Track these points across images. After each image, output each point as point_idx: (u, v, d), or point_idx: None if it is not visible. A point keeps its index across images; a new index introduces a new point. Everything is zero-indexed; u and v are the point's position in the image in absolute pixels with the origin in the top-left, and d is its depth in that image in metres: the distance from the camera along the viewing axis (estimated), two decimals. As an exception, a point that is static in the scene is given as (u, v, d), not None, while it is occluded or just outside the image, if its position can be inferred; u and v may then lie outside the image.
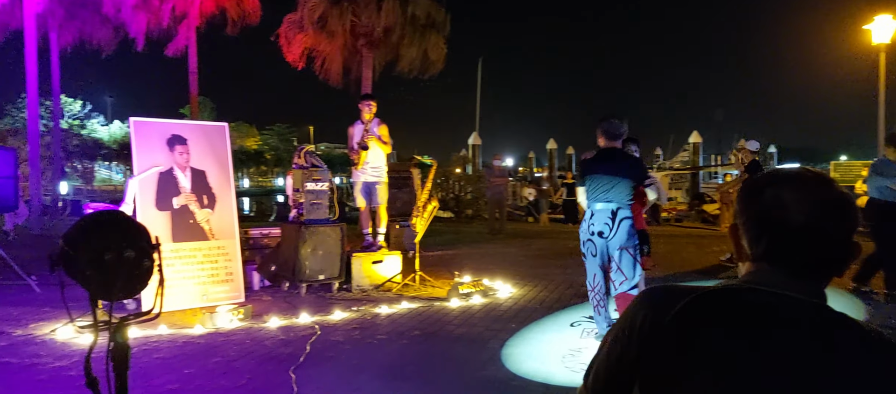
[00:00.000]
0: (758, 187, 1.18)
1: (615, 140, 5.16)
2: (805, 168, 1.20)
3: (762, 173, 1.24)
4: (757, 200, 1.17)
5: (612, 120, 5.15)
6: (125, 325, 1.79)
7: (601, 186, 5.07)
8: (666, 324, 1.11)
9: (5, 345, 5.19)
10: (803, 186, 1.14)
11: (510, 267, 9.55)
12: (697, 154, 28.53)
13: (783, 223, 1.13)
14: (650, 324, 1.13)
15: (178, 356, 4.94)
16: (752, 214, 1.18)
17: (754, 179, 1.22)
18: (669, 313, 1.11)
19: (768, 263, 1.15)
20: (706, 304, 1.12)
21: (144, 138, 6.64)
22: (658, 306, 1.14)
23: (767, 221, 1.15)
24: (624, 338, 1.16)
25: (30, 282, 7.41)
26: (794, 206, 1.12)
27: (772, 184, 1.17)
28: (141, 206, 6.41)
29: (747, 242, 1.18)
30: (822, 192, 1.13)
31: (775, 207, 1.14)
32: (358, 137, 8.15)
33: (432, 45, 20.00)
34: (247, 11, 19.49)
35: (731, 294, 1.14)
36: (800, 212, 1.11)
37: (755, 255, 1.17)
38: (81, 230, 1.73)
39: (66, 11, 18.17)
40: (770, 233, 1.14)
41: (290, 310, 6.47)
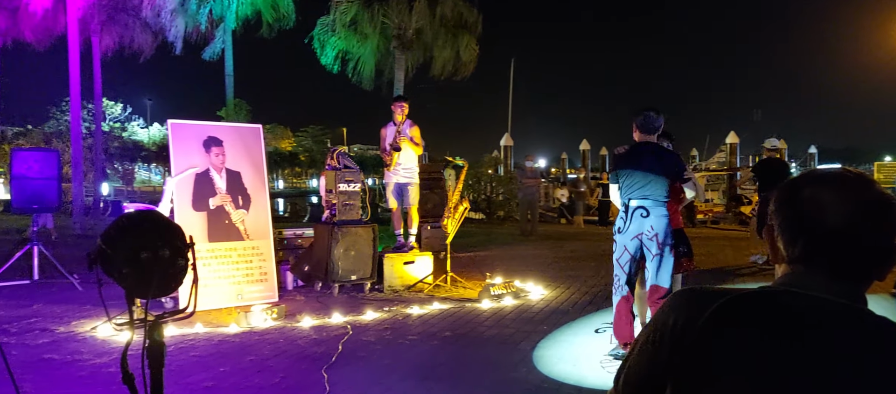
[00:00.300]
0: (795, 188, 1.16)
1: (651, 134, 4.89)
2: (844, 169, 1.17)
3: (801, 174, 1.21)
4: (793, 201, 1.15)
5: (649, 113, 4.86)
6: (161, 323, 1.83)
7: (636, 182, 4.81)
8: (699, 326, 1.09)
9: (48, 342, 5.34)
10: (842, 187, 1.11)
11: (542, 269, 9.51)
12: (734, 155, 28.01)
13: (820, 225, 1.10)
14: (683, 326, 1.11)
15: (213, 355, 5.02)
16: (788, 215, 1.15)
17: (793, 179, 1.20)
18: (703, 314, 1.10)
19: (805, 265, 1.13)
20: (740, 306, 1.10)
21: (182, 140, 6.77)
22: (691, 308, 1.12)
23: (804, 223, 1.12)
24: (656, 340, 1.15)
25: (72, 280, 7.61)
26: (833, 207, 1.09)
27: (809, 184, 1.14)
28: (178, 206, 6.54)
29: (783, 243, 1.16)
30: (862, 193, 1.11)
31: (812, 208, 1.11)
32: (390, 139, 8.19)
33: (464, 46, 20.00)
34: (281, 15, 19.76)
35: (767, 297, 1.12)
36: (838, 213, 1.09)
37: (791, 257, 1.15)
38: (119, 229, 1.78)
39: (108, 16, 18.65)
40: (806, 235, 1.12)
41: (322, 310, 6.54)
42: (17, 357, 4.86)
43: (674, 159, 4.95)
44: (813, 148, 43.41)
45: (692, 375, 1.08)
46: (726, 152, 28.59)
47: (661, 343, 1.13)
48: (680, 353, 1.10)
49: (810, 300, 1.09)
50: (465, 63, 20.22)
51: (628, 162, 4.90)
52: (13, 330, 5.68)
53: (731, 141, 27.71)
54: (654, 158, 4.81)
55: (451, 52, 19.95)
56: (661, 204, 4.79)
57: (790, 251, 1.15)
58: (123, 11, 18.83)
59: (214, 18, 19.16)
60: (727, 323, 1.08)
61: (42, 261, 7.94)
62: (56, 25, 17.83)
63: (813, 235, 1.11)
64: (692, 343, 1.09)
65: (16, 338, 5.42)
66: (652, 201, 4.76)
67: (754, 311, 1.09)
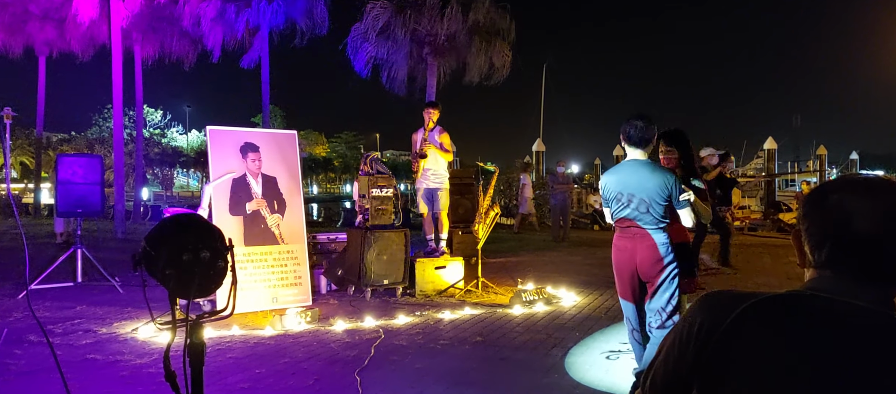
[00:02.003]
0: (823, 193, 1.17)
1: (640, 147, 4.13)
2: (876, 175, 1.19)
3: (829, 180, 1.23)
4: (821, 207, 1.16)
5: (635, 121, 4.10)
6: (201, 323, 1.91)
7: (621, 204, 4.15)
8: (725, 328, 1.11)
9: (91, 343, 5.51)
10: (870, 193, 1.12)
11: (574, 275, 9.47)
12: (772, 161, 27.52)
13: (847, 230, 1.11)
14: (709, 328, 1.13)
15: (249, 356, 5.13)
16: (816, 220, 1.17)
17: (821, 185, 1.22)
18: (729, 316, 1.11)
19: (832, 270, 1.14)
20: (767, 309, 1.12)
21: (219, 146, 6.93)
22: (718, 311, 1.14)
23: (831, 229, 1.14)
24: (682, 343, 1.17)
25: (114, 283, 7.83)
26: (861, 213, 1.11)
27: (838, 190, 1.16)
28: (216, 211, 6.69)
29: (810, 248, 1.17)
30: (890, 199, 1.12)
31: (840, 214, 1.12)
32: (419, 144, 8.25)
33: (497, 51, 20.03)
34: (316, 22, 20.05)
35: (793, 300, 1.13)
36: (866, 219, 1.10)
37: (818, 262, 1.16)
38: (161, 232, 1.86)
39: (149, 26, 19.13)
40: (833, 240, 1.13)
41: (355, 314, 6.62)
42: (62, 357, 5.02)
43: (666, 181, 4.07)
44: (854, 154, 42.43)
45: (717, 375, 1.10)
46: (764, 158, 28.11)
47: (688, 345, 1.15)
48: (706, 354, 1.12)
49: (836, 304, 1.10)
50: (497, 68, 20.24)
51: (611, 181, 4.24)
52: (58, 331, 5.87)
53: (769, 147, 27.24)
54: (638, 177, 4.10)
55: (484, 58, 19.99)
56: (657, 230, 4.10)
57: (817, 256, 1.16)
58: (164, 21, 19.31)
59: (251, 27, 19.51)
60: (753, 325, 1.10)
61: (85, 264, 8.18)
62: (99, 35, 18.37)
63: (839, 240, 1.13)
64: (717, 344, 1.11)
65: (60, 338, 5.60)
66: (643, 225, 4.10)
67: (779, 315, 1.10)
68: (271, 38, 20.02)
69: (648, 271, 4.11)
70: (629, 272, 4.21)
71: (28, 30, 20.37)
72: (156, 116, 46.12)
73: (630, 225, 4.14)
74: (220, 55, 19.78)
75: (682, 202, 4.12)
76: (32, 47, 21.65)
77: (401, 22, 19.28)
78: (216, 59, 19.59)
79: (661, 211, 4.09)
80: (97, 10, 16.15)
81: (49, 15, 18.58)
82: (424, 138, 8.18)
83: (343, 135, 66.53)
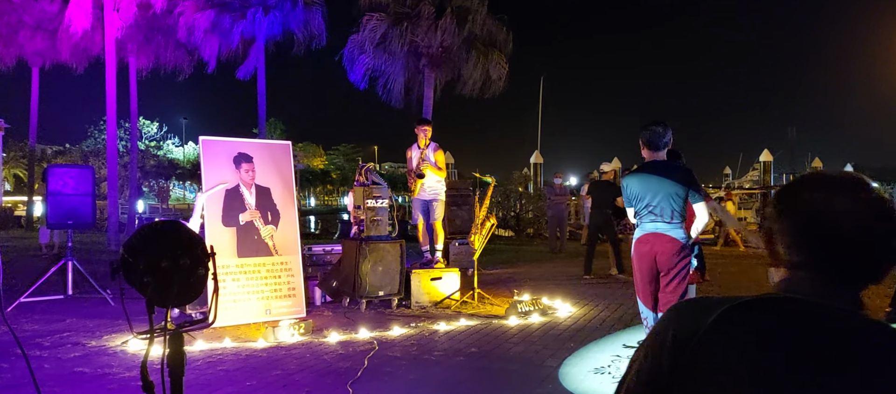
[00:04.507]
0: (797, 191, 1.14)
1: (659, 151, 4.58)
2: (842, 171, 1.16)
3: (799, 177, 1.19)
4: (796, 204, 1.13)
5: (654, 127, 4.55)
6: (181, 332, 1.84)
7: (645, 202, 4.53)
8: (701, 336, 1.06)
9: (80, 355, 5.42)
10: (844, 191, 1.10)
11: (570, 286, 9.41)
12: (768, 173, 27.58)
13: (824, 230, 1.09)
14: (683, 338, 1.08)
15: (241, 369, 5.05)
16: (790, 218, 1.13)
17: (794, 182, 1.18)
18: (703, 325, 1.07)
19: (805, 270, 1.11)
20: (742, 314, 1.07)
21: (213, 156, 6.87)
22: (689, 320, 1.10)
23: (807, 227, 1.11)
24: (655, 355, 1.11)
25: (105, 295, 7.74)
26: (837, 212, 1.08)
27: (812, 188, 1.13)
28: (208, 221, 6.62)
29: (783, 248, 1.14)
30: (860, 195, 1.10)
31: (816, 212, 1.10)
32: (416, 163, 8.22)
33: (494, 64, 20.02)
34: (313, 34, 20.04)
35: (769, 304, 1.09)
36: (840, 217, 1.08)
37: (792, 261, 1.13)
38: (140, 239, 1.80)
39: (144, 37, 19.11)
40: (809, 239, 1.10)
41: (349, 325, 6.54)
42: (49, 371, 4.95)
43: (686, 176, 4.58)
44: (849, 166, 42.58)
45: (694, 386, 1.05)
46: (760, 171, 28.17)
47: (661, 357, 1.10)
48: (681, 365, 1.07)
49: (812, 307, 1.06)
50: (494, 81, 20.23)
51: (637, 182, 4.60)
52: (46, 344, 5.78)
53: (765, 159, 27.31)
54: (662, 176, 4.51)
55: (481, 70, 19.98)
56: (677, 226, 4.51)
57: (790, 256, 1.13)
58: (159, 32, 19.28)
59: (247, 38, 19.50)
60: (728, 332, 1.05)
61: (76, 276, 8.10)
62: (93, 46, 18.33)
63: (815, 240, 1.10)
64: (693, 353, 1.06)
65: (49, 352, 5.52)
66: (664, 224, 4.48)
67: (754, 320, 1.06)
68: (268, 49, 19.99)
69: (668, 263, 4.49)
70: (649, 267, 4.59)
71: (20, 40, 20.34)
72: (152, 128, 46.03)
73: (652, 223, 4.53)
74: (216, 67, 19.75)
75: (698, 197, 4.60)
76: (25, 58, 21.62)
77: (398, 33, 19.28)
78: (211, 70, 19.55)
79: (680, 208, 4.51)
80: (90, 20, 16.12)
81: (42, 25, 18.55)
82: (422, 157, 8.15)
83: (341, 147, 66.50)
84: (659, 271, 4.60)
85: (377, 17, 19.35)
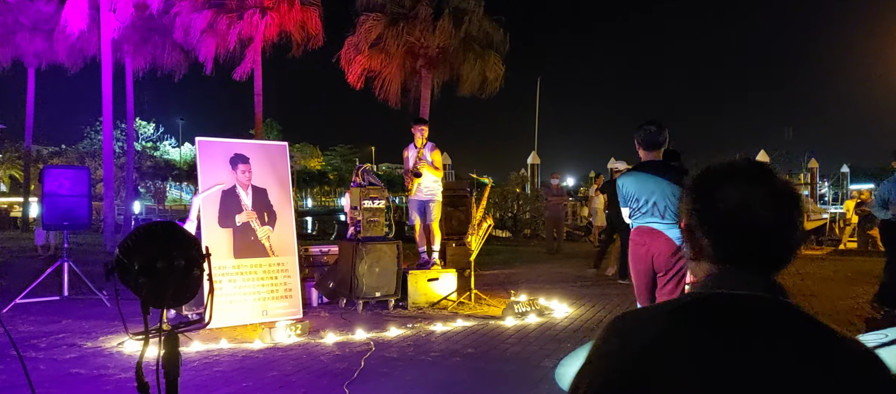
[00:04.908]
0: (711, 183, 1.14)
1: (655, 150, 4.54)
2: (746, 160, 1.17)
3: (709, 168, 1.18)
4: (713, 196, 1.13)
5: (649, 127, 4.52)
6: (176, 333, 1.84)
7: (640, 202, 4.50)
8: (645, 346, 1.04)
9: (75, 357, 5.41)
10: (755, 180, 1.12)
11: (567, 287, 9.42)
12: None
13: (743, 220, 1.10)
14: (636, 351, 1.06)
15: (237, 370, 5.04)
16: (709, 211, 1.13)
17: (704, 174, 1.18)
18: (647, 334, 1.06)
19: (729, 262, 1.12)
20: (684, 318, 1.08)
21: (209, 157, 6.86)
22: (633, 331, 1.09)
23: (725, 219, 1.11)
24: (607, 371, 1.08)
25: (101, 296, 7.73)
26: (752, 200, 1.10)
27: (723, 178, 1.13)
28: (205, 223, 6.61)
29: (709, 242, 1.13)
30: (772, 183, 1.12)
31: (732, 203, 1.10)
32: (412, 162, 8.21)
33: (490, 64, 20.02)
34: (310, 34, 20.00)
35: (703, 304, 1.10)
36: (758, 207, 1.09)
37: (715, 254, 1.13)
38: (135, 240, 1.80)
39: (140, 37, 19.06)
40: (730, 232, 1.11)
41: (346, 326, 6.54)
42: (45, 372, 4.94)
43: (682, 176, 4.51)
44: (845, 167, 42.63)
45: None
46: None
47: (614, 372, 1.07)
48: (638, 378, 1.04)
49: (744, 299, 1.08)
50: (490, 81, 20.23)
51: (632, 182, 4.56)
52: (42, 345, 5.77)
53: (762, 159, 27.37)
54: (658, 176, 4.48)
55: (477, 71, 19.98)
56: (673, 226, 4.41)
57: (713, 249, 1.13)
58: (155, 32, 19.24)
59: (244, 39, 19.46)
60: (672, 339, 1.04)
61: (72, 277, 8.08)
62: (89, 47, 18.28)
63: (734, 230, 1.10)
64: (638, 366, 1.04)
65: (44, 353, 5.51)
66: (660, 224, 4.44)
67: (696, 322, 1.07)
68: (265, 50, 19.95)
69: (664, 264, 4.44)
70: (646, 268, 4.54)
71: (17, 40, 20.28)
72: (148, 129, 45.95)
73: (648, 223, 4.48)
74: (213, 67, 19.69)
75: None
76: (21, 59, 21.56)
77: (394, 34, 19.26)
78: (208, 71, 19.49)
79: (676, 208, 4.27)
80: (87, 21, 16.07)
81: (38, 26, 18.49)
82: (419, 157, 8.14)
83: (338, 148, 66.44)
84: (656, 272, 4.56)
85: (373, 17, 19.33)
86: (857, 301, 8.11)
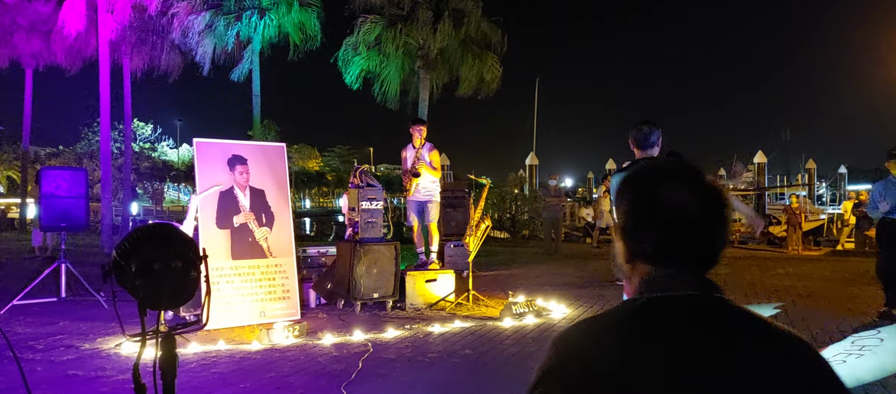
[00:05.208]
0: (644, 184, 1.14)
1: (649, 149, 4.54)
2: (672, 162, 1.17)
3: (644, 168, 1.18)
4: (646, 197, 1.12)
5: (642, 126, 4.53)
6: (173, 334, 1.84)
7: None
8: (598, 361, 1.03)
9: (73, 358, 5.40)
10: (691, 180, 1.12)
11: (565, 287, 9.42)
12: (762, 174, 27.68)
13: (678, 220, 1.09)
14: (574, 369, 1.04)
15: (235, 371, 5.04)
16: (643, 212, 1.12)
17: (634, 175, 1.17)
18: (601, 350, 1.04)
19: (665, 264, 1.11)
20: (629, 326, 1.06)
21: (207, 159, 6.86)
22: (582, 348, 1.06)
23: (661, 219, 1.10)
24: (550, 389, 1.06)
25: (98, 298, 7.72)
26: (692, 200, 1.10)
27: (664, 181, 1.12)
28: (202, 224, 6.60)
29: (649, 242, 1.12)
30: (705, 183, 1.12)
31: (675, 203, 1.10)
32: (411, 163, 8.20)
33: (488, 65, 20.03)
34: (308, 36, 19.99)
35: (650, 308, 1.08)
36: (697, 206, 1.09)
37: (656, 256, 1.12)
38: (132, 241, 1.80)
39: (138, 38, 19.03)
40: (674, 230, 1.10)
41: (344, 327, 6.54)
42: (42, 374, 4.93)
43: None
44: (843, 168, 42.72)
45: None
46: (754, 172, 28.27)
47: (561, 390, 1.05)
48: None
49: (685, 301, 1.07)
50: (488, 82, 20.24)
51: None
52: (39, 347, 5.76)
53: (759, 161, 27.40)
54: None
55: (476, 72, 19.98)
56: None
57: (658, 250, 1.11)
58: (153, 34, 19.22)
59: (242, 40, 19.45)
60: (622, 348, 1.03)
61: (69, 279, 8.07)
62: (87, 48, 18.25)
63: (686, 230, 1.10)
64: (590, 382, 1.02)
65: (41, 355, 5.50)
66: None
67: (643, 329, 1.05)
68: (263, 51, 19.94)
69: None
70: None
71: (14, 41, 20.25)
72: (146, 129, 45.87)
73: None
74: (211, 68, 19.67)
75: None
76: (19, 60, 21.53)
77: (392, 36, 19.27)
78: (206, 72, 19.47)
79: None
80: (84, 22, 16.05)
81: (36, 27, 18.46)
82: (417, 156, 8.13)
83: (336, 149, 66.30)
84: None
85: (371, 18, 19.32)
86: (854, 302, 8.12)
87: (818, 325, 6.70)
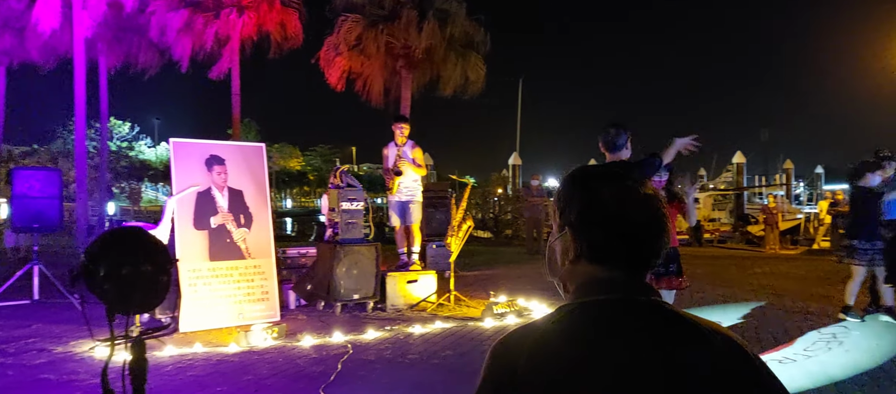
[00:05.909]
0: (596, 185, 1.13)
1: (617, 152, 4.56)
2: (606, 167, 1.18)
3: (586, 170, 1.19)
4: (588, 198, 1.13)
5: (610, 129, 4.58)
6: (143, 339, 1.78)
7: None
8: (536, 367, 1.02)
9: (45, 362, 5.29)
10: (632, 182, 1.13)
11: (547, 287, 9.41)
12: (741, 174, 27.95)
13: (630, 220, 1.10)
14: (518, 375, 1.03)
15: (211, 374, 4.96)
16: (599, 212, 1.12)
17: (574, 176, 1.18)
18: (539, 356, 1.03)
19: (606, 264, 1.11)
20: (568, 330, 1.06)
21: (184, 159, 6.75)
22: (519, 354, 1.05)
23: (614, 220, 1.10)
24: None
25: (72, 300, 7.58)
26: (634, 202, 1.11)
27: (604, 183, 1.13)
28: (179, 225, 6.50)
29: (589, 243, 1.12)
30: (645, 185, 1.13)
31: (619, 204, 1.10)
32: (392, 161, 8.14)
33: (471, 65, 20.00)
34: (289, 35, 19.81)
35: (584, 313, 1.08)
36: (639, 207, 1.10)
37: (595, 257, 1.11)
38: (101, 245, 1.74)
39: (114, 36, 18.72)
40: (616, 231, 1.10)
41: (323, 329, 6.48)
42: (13, 378, 4.83)
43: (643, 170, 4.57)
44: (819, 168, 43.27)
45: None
46: (733, 172, 28.53)
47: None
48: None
49: (629, 304, 1.08)
50: (472, 82, 20.21)
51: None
52: (10, 350, 5.64)
53: (738, 161, 27.66)
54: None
55: (459, 72, 19.94)
56: None
57: (598, 251, 1.11)
58: (130, 31, 18.92)
59: (221, 38, 19.23)
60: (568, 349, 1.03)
61: (42, 281, 7.92)
62: (62, 45, 17.90)
63: (628, 231, 1.10)
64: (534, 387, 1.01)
65: (13, 358, 5.38)
66: None
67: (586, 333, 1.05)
68: (243, 49, 19.73)
69: None
70: None
71: (-13, 39, 19.84)
72: (124, 128, 45.29)
73: None
74: (189, 66, 19.41)
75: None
76: (-10, 57, 21.09)
77: (373, 36, 19.18)
78: (184, 70, 19.21)
79: None
80: (59, 19, 15.75)
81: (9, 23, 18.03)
82: (399, 155, 8.07)
83: (318, 148, 65.95)
84: None
85: (352, 18, 19.22)
86: (831, 300, 8.20)
87: (793, 322, 6.76)
